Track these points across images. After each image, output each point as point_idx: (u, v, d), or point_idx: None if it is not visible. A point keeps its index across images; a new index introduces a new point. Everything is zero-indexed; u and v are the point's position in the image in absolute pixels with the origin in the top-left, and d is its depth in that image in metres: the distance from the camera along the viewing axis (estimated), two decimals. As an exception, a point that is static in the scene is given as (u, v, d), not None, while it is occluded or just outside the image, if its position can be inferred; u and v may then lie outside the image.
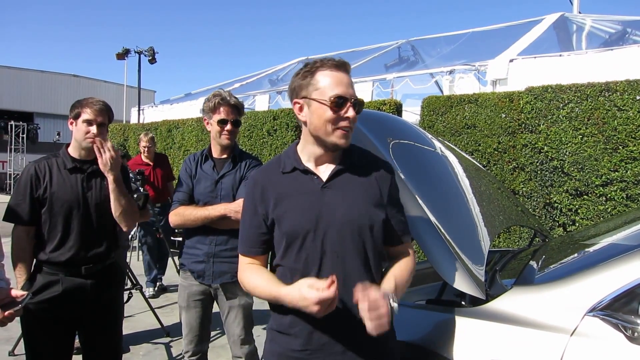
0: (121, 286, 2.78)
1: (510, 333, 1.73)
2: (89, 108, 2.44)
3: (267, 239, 1.68)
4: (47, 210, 2.43)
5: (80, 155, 2.52)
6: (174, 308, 5.53)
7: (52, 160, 2.51)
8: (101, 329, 2.56)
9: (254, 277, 1.67)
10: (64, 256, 2.42)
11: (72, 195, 2.45)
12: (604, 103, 5.06)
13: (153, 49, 15.83)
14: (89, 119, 2.44)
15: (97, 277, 2.49)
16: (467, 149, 5.93)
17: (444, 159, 2.73)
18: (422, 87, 9.04)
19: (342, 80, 1.57)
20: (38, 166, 2.47)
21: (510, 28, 10.93)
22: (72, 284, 2.43)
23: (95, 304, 2.49)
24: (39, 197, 2.43)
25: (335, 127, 1.56)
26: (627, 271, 1.66)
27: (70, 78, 30.32)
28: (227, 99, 2.68)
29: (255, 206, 1.67)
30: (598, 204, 5.08)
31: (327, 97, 1.55)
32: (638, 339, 1.54)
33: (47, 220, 2.43)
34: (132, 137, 11.02)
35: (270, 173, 1.70)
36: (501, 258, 2.80)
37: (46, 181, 2.44)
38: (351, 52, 13.71)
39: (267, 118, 8.02)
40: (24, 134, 23.11)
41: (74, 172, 2.49)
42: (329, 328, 1.57)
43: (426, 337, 1.89)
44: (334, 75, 1.57)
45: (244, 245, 1.72)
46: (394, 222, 1.68)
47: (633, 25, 9.03)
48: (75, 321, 2.50)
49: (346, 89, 1.57)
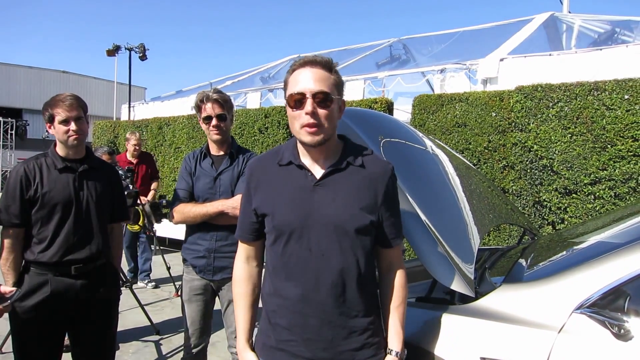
0: (115, 286, 2.74)
1: (499, 330, 1.75)
2: (59, 108, 2.39)
3: (258, 228, 1.72)
4: (37, 211, 2.39)
5: (69, 154, 2.48)
6: (164, 305, 5.52)
7: (42, 160, 2.46)
8: (93, 329, 2.54)
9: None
10: (53, 257, 2.38)
11: (64, 195, 2.42)
12: (593, 102, 5.10)
13: (144, 46, 15.69)
14: (65, 119, 2.39)
15: (88, 277, 2.46)
16: (458, 147, 5.96)
17: (434, 158, 2.74)
18: (413, 86, 9.07)
19: (303, 77, 1.56)
20: (27, 167, 2.42)
21: (500, 27, 10.98)
22: (62, 285, 2.40)
23: (87, 304, 2.46)
24: (30, 198, 2.38)
25: (299, 125, 1.56)
26: (614, 269, 1.67)
27: (59, 74, 30.06)
28: (208, 95, 2.72)
29: (250, 195, 1.71)
30: (587, 203, 5.13)
31: (287, 97, 1.58)
32: (624, 336, 1.56)
33: (38, 221, 2.39)
34: (122, 134, 10.92)
35: (267, 163, 1.71)
36: (490, 256, 2.82)
37: (37, 182, 2.39)
38: (343, 50, 13.71)
39: (259, 116, 8.00)
40: (13, 130, 22.87)
41: (64, 171, 2.45)
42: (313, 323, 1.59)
43: (416, 335, 1.89)
44: (297, 73, 1.58)
45: (238, 230, 1.79)
46: (386, 225, 1.67)
47: (622, 25, 9.12)
48: (65, 321, 2.47)
49: (305, 84, 1.54)
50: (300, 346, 1.60)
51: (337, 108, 1.61)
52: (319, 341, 1.58)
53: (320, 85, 1.54)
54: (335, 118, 1.60)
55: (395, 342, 1.66)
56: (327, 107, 1.55)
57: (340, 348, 1.59)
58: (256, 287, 1.80)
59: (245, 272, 1.79)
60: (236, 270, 1.81)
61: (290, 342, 1.61)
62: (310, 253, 1.58)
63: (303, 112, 1.54)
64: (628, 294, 1.63)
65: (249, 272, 1.79)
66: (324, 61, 1.59)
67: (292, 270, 1.60)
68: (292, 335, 1.61)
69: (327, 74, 1.58)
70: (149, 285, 6.25)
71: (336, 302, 1.58)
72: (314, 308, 1.58)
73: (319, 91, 1.54)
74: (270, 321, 1.66)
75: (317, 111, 1.54)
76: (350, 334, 1.60)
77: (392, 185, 1.69)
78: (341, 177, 1.63)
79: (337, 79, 1.61)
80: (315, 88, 1.54)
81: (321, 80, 1.56)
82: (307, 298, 1.58)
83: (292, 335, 1.61)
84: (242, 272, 1.79)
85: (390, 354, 1.64)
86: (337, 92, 1.59)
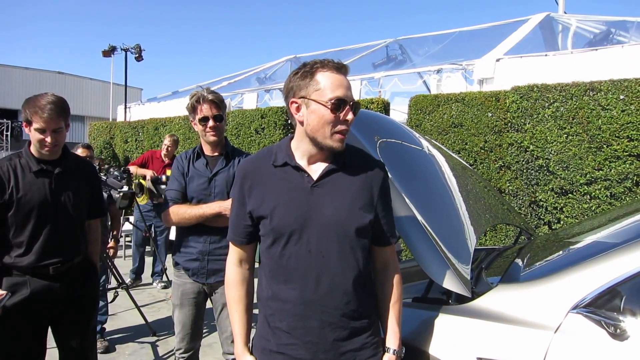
0: (94, 283, 2.68)
1: (496, 330, 1.75)
2: (37, 116, 2.24)
3: (252, 231, 1.70)
4: (12, 215, 2.30)
5: (44, 155, 2.37)
6: (160, 307, 5.50)
7: (15, 161, 2.36)
8: (74, 326, 2.51)
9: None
10: (30, 260, 2.32)
11: (40, 199, 2.33)
12: (589, 102, 5.12)
13: (140, 47, 15.69)
14: (42, 129, 2.27)
15: (66, 276, 2.43)
16: (454, 147, 5.96)
17: (431, 158, 2.74)
18: (409, 86, 9.08)
19: (342, 83, 1.57)
20: (0, 169, 2.31)
21: (496, 28, 11.00)
22: (40, 286, 2.36)
23: (67, 302, 2.43)
24: (4, 202, 2.28)
25: (333, 129, 1.56)
26: (609, 269, 1.68)
27: (55, 75, 29.94)
28: (204, 96, 2.67)
29: (243, 198, 1.68)
30: (582, 203, 5.14)
31: (327, 99, 1.54)
32: (620, 336, 1.56)
33: (13, 225, 2.30)
34: (119, 135, 10.91)
35: (260, 165, 1.69)
36: (487, 256, 2.82)
37: (11, 185, 2.29)
38: (339, 50, 13.70)
39: (255, 116, 7.98)
40: (8, 131, 22.82)
41: (40, 174, 2.36)
42: (314, 325, 1.58)
43: (413, 335, 1.89)
44: (335, 77, 1.57)
45: (230, 233, 1.77)
46: (383, 222, 1.68)
47: (617, 26, 9.14)
48: (46, 320, 2.44)
49: (346, 91, 1.57)
50: (301, 349, 1.59)
51: None
52: (320, 343, 1.57)
53: (352, 95, 1.60)
54: None
55: (392, 340, 1.66)
56: (354, 116, 1.60)
57: (342, 349, 1.59)
58: (250, 290, 1.79)
59: (239, 275, 1.77)
60: (229, 273, 1.79)
61: (290, 345, 1.60)
62: (309, 254, 1.57)
63: (342, 118, 1.56)
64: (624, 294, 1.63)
65: (242, 275, 1.78)
66: (348, 69, 1.63)
67: (292, 272, 1.59)
68: (292, 338, 1.59)
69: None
70: (159, 286, 6.29)
71: (337, 303, 1.57)
72: (315, 310, 1.57)
73: (357, 101, 1.61)
74: (270, 325, 1.64)
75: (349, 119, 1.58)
76: (351, 334, 1.60)
77: (386, 183, 1.71)
78: (338, 178, 1.63)
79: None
80: (353, 97, 1.60)
81: (351, 89, 1.62)
82: (308, 300, 1.57)
83: (292, 339, 1.59)
84: (235, 275, 1.77)
85: (388, 352, 1.65)
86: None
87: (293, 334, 1.59)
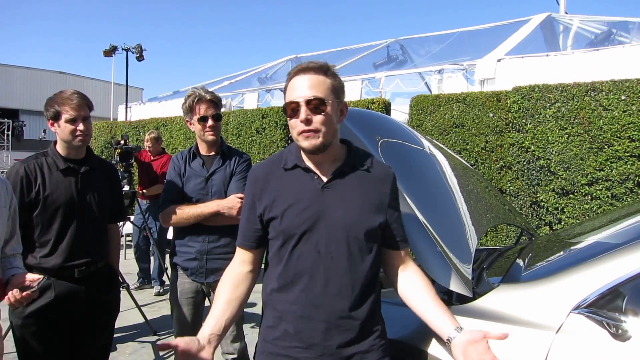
0: (117, 287, 2.70)
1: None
2: (67, 105, 2.29)
3: (261, 235, 1.69)
4: (39, 214, 2.29)
5: (70, 154, 2.39)
6: (161, 306, 5.50)
7: (42, 159, 2.36)
8: (95, 329, 2.50)
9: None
10: (56, 261, 2.31)
11: (67, 198, 2.33)
12: (590, 103, 5.12)
13: (141, 46, 15.68)
14: (72, 118, 2.30)
15: (90, 279, 2.42)
16: (455, 147, 5.96)
17: (432, 158, 2.73)
18: (410, 86, 9.08)
19: (297, 84, 1.56)
20: (28, 167, 2.31)
21: (498, 28, 11.01)
22: (65, 289, 2.34)
23: (90, 306, 2.42)
24: (30, 200, 2.28)
25: (296, 132, 1.56)
26: (611, 269, 1.67)
27: (56, 75, 30.04)
28: (202, 95, 2.67)
29: (253, 202, 1.67)
30: (584, 203, 5.13)
31: (283, 106, 1.57)
32: (622, 336, 1.56)
33: (39, 224, 2.30)
34: (119, 135, 10.91)
35: (272, 168, 1.68)
36: (488, 256, 2.82)
37: (38, 183, 2.29)
38: (340, 50, 13.74)
39: (256, 116, 7.99)
40: (9, 131, 22.83)
41: (67, 173, 2.36)
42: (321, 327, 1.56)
43: (414, 335, 1.89)
44: (292, 81, 1.58)
45: (239, 238, 1.74)
46: (393, 227, 1.67)
47: (618, 26, 9.15)
48: (69, 324, 2.42)
49: (299, 92, 1.54)
50: (307, 352, 1.57)
51: (337, 111, 1.60)
52: (327, 346, 1.56)
53: (313, 91, 1.53)
54: (333, 122, 1.58)
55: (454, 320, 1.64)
56: (321, 112, 1.54)
57: (348, 352, 1.57)
58: (244, 288, 1.73)
59: (237, 271, 1.73)
60: (227, 269, 1.76)
61: (296, 348, 1.58)
62: (319, 255, 1.56)
63: (298, 120, 1.54)
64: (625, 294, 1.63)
65: (241, 273, 1.73)
66: (318, 66, 1.58)
67: (300, 272, 1.57)
68: (298, 341, 1.58)
69: (322, 78, 1.57)
70: (161, 290, 6.10)
71: (344, 305, 1.56)
72: (322, 312, 1.56)
73: (312, 97, 1.53)
74: (275, 328, 1.63)
75: (311, 117, 1.53)
76: (357, 337, 1.58)
77: (395, 188, 1.70)
78: (348, 180, 1.62)
79: (334, 82, 1.59)
80: (308, 94, 1.53)
81: (315, 85, 1.55)
82: (315, 302, 1.56)
83: (298, 342, 1.58)
84: (231, 271, 1.74)
85: (459, 331, 1.60)
86: (334, 95, 1.58)
87: (299, 336, 1.58)
